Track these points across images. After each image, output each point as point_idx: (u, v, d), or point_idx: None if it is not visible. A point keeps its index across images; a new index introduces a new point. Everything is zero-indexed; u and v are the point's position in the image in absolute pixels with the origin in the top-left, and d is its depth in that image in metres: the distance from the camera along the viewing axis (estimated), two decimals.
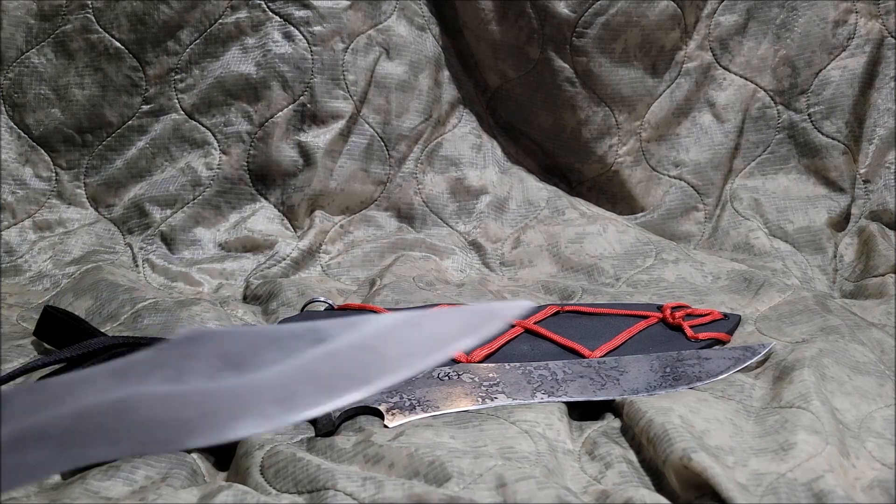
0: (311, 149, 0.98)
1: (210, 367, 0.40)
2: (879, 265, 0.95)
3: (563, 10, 0.99)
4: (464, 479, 0.51)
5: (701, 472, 0.51)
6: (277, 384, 0.40)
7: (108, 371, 0.39)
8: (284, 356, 0.40)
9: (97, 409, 0.38)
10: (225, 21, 0.98)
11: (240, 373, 0.40)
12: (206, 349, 0.40)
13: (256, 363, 0.40)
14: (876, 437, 0.57)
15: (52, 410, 0.38)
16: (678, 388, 0.66)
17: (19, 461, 0.37)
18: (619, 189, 1.04)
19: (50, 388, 0.38)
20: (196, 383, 0.39)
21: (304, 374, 0.40)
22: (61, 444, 0.37)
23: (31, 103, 0.97)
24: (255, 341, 0.41)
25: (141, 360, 0.40)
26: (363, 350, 0.41)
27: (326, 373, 0.40)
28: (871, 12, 1.04)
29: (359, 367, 0.41)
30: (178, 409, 0.39)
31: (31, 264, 0.93)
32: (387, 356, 0.41)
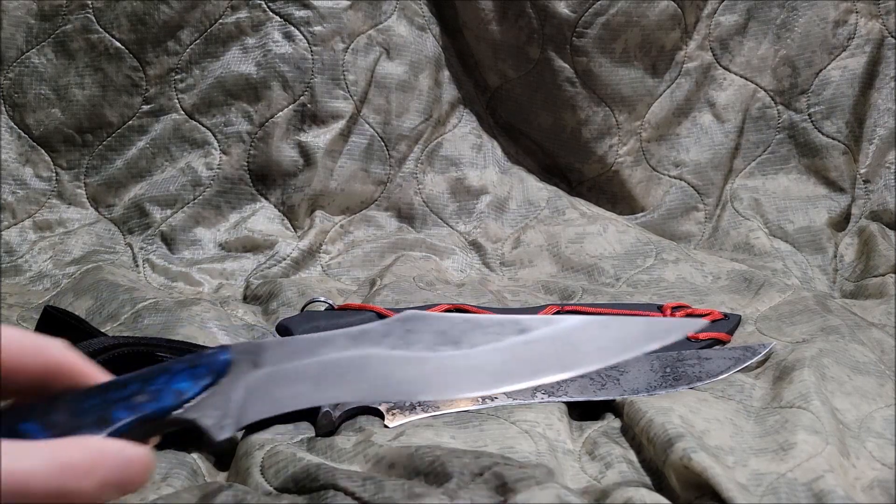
0: (312, 149, 0.98)
1: (431, 340, 0.47)
2: (879, 265, 0.95)
3: (563, 10, 0.99)
4: (464, 478, 0.51)
5: (701, 471, 0.51)
6: (489, 360, 0.47)
7: (344, 335, 0.47)
8: (493, 339, 0.48)
9: (339, 361, 0.46)
10: (225, 21, 0.98)
11: (457, 347, 0.47)
12: (426, 326, 0.48)
13: (470, 342, 0.47)
14: (876, 437, 0.57)
15: (303, 359, 0.46)
16: (678, 388, 0.66)
17: (282, 393, 0.45)
18: (619, 189, 1.04)
19: (299, 343, 0.47)
20: (420, 351, 0.47)
21: (511, 355, 0.47)
22: (314, 383, 0.46)
23: (32, 103, 0.97)
24: (465, 326, 0.48)
25: (371, 329, 0.48)
26: (560, 342, 0.48)
27: (529, 356, 0.47)
28: (871, 12, 1.04)
29: (556, 355, 0.47)
30: (406, 369, 0.47)
31: (31, 264, 0.93)
32: (579, 349, 0.47)
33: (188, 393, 0.43)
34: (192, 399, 0.43)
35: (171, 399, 0.42)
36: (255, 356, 0.46)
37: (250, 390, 0.45)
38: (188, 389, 0.43)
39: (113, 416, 0.41)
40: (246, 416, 0.45)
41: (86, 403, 0.41)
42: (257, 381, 0.45)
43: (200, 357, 0.44)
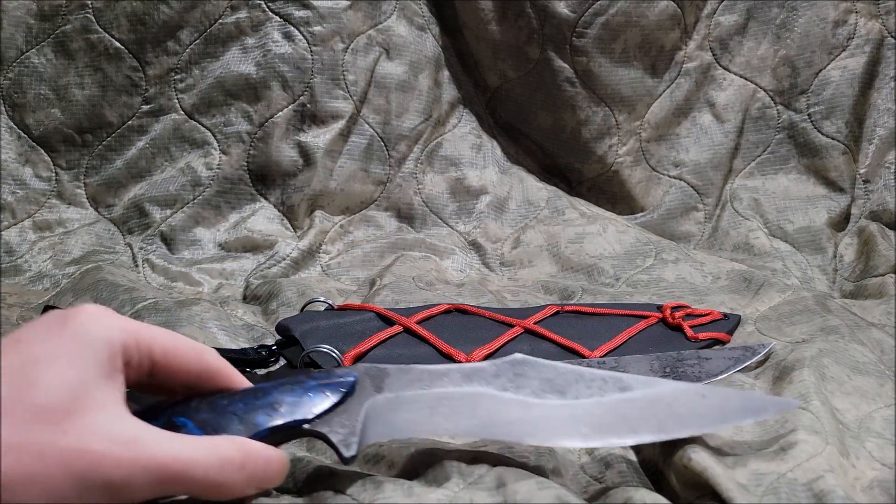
0: (311, 149, 0.98)
1: (538, 386, 0.51)
2: (879, 265, 0.95)
3: (563, 10, 0.99)
4: (463, 479, 0.51)
5: (701, 472, 0.51)
6: (591, 413, 0.50)
7: (458, 370, 0.51)
8: (596, 394, 0.51)
9: (453, 395, 0.50)
10: (225, 21, 0.98)
11: (561, 397, 0.51)
12: (534, 371, 0.51)
13: (574, 393, 0.51)
14: (876, 437, 0.57)
15: (420, 389, 0.50)
16: None
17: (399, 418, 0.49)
18: (618, 189, 1.04)
19: (417, 373, 0.51)
20: (527, 395, 0.50)
21: (612, 411, 0.50)
22: (429, 413, 0.49)
23: (31, 103, 0.97)
24: (570, 377, 0.51)
25: (483, 368, 0.51)
26: (659, 404, 0.51)
27: (629, 414, 0.50)
28: (871, 12, 1.04)
29: (654, 417, 0.50)
30: (513, 411, 0.50)
31: (31, 264, 0.93)
32: (677, 413, 0.50)
33: (320, 407, 0.48)
34: (323, 414, 0.48)
35: (305, 412, 0.47)
36: (378, 381, 0.50)
37: (371, 412, 0.49)
38: (320, 403, 0.48)
39: (255, 421, 0.46)
40: (367, 436, 0.49)
41: (231, 406, 0.46)
42: (378, 404, 0.49)
43: (331, 376, 0.49)
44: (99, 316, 0.44)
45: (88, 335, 0.43)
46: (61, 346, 0.43)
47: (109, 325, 0.44)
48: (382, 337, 0.72)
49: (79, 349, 0.43)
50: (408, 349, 0.72)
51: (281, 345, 0.73)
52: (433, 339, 0.72)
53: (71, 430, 0.41)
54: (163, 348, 0.46)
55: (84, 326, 0.43)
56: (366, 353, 0.70)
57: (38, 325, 0.44)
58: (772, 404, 0.54)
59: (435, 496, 0.50)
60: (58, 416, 0.41)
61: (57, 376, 0.41)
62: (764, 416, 0.53)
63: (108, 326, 0.44)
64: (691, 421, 0.51)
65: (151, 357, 0.46)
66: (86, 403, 0.41)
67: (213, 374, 0.48)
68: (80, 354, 0.43)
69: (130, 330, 0.45)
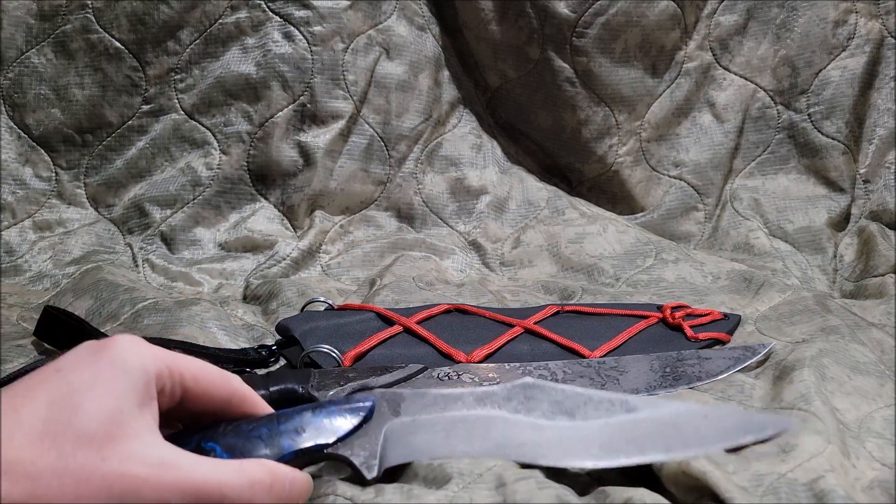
0: (311, 149, 0.98)
1: (548, 408, 0.53)
2: (879, 265, 0.95)
3: (563, 10, 0.99)
4: (463, 479, 0.51)
5: (699, 475, 0.51)
6: (599, 434, 0.52)
7: (471, 394, 0.54)
8: (603, 415, 0.53)
9: (467, 418, 0.52)
10: (225, 21, 0.98)
11: (570, 418, 0.53)
12: (544, 395, 0.54)
13: (583, 415, 0.53)
14: (876, 437, 0.57)
15: (435, 413, 0.53)
16: (678, 387, 0.66)
17: (417, 440, 0.52)
18: (619, 189, 1.04)
19: (432, 397, 0.53)
20: (539, 418, 0.53)
21: (620, 432, 0.52)
22: (445, 435, 0.52)
23: (31, 103, 0.97)
24: (579, 399, 0.54)
25: (495, 392, 0.54)
26: (664, 425, 0.53)
27: (636, 435, 0.52)
28: (871, 12, 1.04)
29: (660, 437, 0.52)
30: (525, 433, 0.52)
31: (31, 264, 0.93)
32: (681, 433, 0.52)
33: (341, 431, 0.50)
34: (345, 437, 0.50)
35: (327, 436, 0.50)
36: (395, 405, 0.53)
37: (390, 434, 0.51)
38: (341, 427, 0.50)
39: (280, 445, 0.49)
40: (387, 458, 0.51)
41: (256, 431, 0.49)
42: (396, 427, 0.52)
43: (350, 401, 0.52)
44: (134, 345, 0.46)
45: (125, 364, 0.45)
46: (100, 374, 0.44)
47: (144, 354, 0.46)
48: (382, 337, 0.72)
49: (116, 378, 0.45)
50: (408, 349, 0.72)
51: (281, 345, 0.73)
52: (433, 339, 0.72)
53: (111, 455, 0.43)
54: (193, 375, 0.48)
55: (120, 356, 0.45)
56: (366, 353, 0.70)
57: (75, 354, 0.46)
58: (772, 423, 0.55)
59: (434, 497, 0.50)
60: (99, 442, 0.43)
61: (97, 404, 0.43)
62: (764, 434, 0.54)
63: (143, 355, 0.46)
64: (695, 441, 0.52)
65: (183, 384, 0.48)
66: (124, 430, 0.44)
67: (240, 399, 0.50)
68: (117, 383, 0.44)
69: (163, 358, 0.47)
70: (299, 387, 0.62)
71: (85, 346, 0.46)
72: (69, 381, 0.44)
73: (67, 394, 0.43)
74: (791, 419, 0.56)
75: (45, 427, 0.42)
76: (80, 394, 0.44)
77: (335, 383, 0.63)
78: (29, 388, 0.44)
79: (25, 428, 0.42)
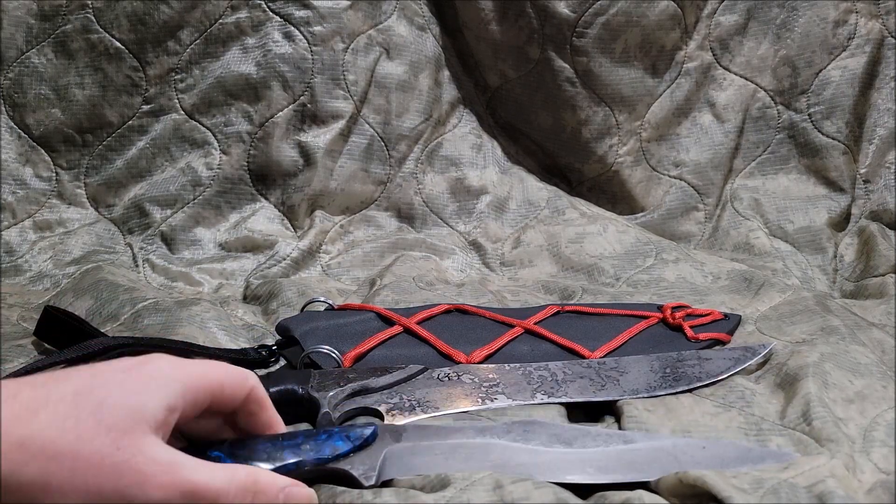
0: (312, 149, 0.98)
1: (546, 439, 0.55)
2: (879, 265, 0.95)
3: (563, 10, 0.99)
4: (461, 483, 0.51)
5: (695, 480, 0.51)
6: (597, 458, 0.55)
7: (472, 427, 0.57)
8: (601, 444, 0.55)
9: (467, 444, 0.55)
10: (225, 21, 0.98)
11: (568, 446, 0.55)
12: (542, 429, 0.56)
13: (580, 444, 0.55)
14: (881, 445, 0.57)
15: (436, 440, 0.55)
16: (678, 388, 0.66)
17: (417, 462, 0.54)
18: (619, 189, 1.04)
19: (432, 428, 0.57)
20: (537, 445, 0.55)
21: (617, 458, 0.55)
22: (445, 458, 0.54)
23: (32, 103, 0.97)
24: (577, 433, 0.56)
25: (495, 426, 0.57)
26: (660, 452, 0.55)
27: (632, 459, 0.55)
28: (871, 12, 1.04)
29: (657, 461, 0.54)
30: (523, 457, 0.54)
31: (32, 264, 0.93)
32: (679, 460, 0.54)
33: (342, 450, 0.53)
34: (345, 456, 0.53)
35: (329, 452, 0.53)
36: (397, 434, 0.55)
37: (390, 456, 0.54)
38: (342, 447, 0.53)
39: (283, 456, 0.51)
40: (385, 473, 0.53)
41: (262, 445, 0.52)
42: (397, 450, 0.54)
43: (354, 427, 0.55)
44: (170, 361, 0.49)
45: (159, 374, 0.48)
46: (131, 376, 0.47)
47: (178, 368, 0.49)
48: (382, 337, 0.72)
49: (146, 382, 0.47)
50: (408, 349, 0.72)
51: (281, 345, 0.73)
52: (433, 339, 0.72)
53: (126, 447, 0.45)
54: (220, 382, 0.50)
55: (158, 368, 0.48)
56: (366, 353, 0.70)
57: (114, 362, 0.49)
58: (770, 455, 0.56)
59: (433, 498, 0.50)
60: (116, 432, 0.45)
61: (121, 398, 0.46)
62: (761, 465, 0.55)
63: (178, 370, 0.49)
64: (692, 467, 0.53)
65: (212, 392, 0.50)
66: (142, 426, 0.46)
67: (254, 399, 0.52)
68: (146, 385, 0.47)
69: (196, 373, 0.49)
70: (299, 387, 0.62)
71: (122, 360, 0.49)
72: (101, 378, 0.47)
73: (96, 386, 0.46)
74: (790, 453, 0.56)
75: (69, 410, 0.44)
76: (107, 387, 0.46)
77: (335, 384, 0.63)
78: (61, 376, 0.46)
79: (51, 407, 0.44)
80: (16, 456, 0.43)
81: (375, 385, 0.64)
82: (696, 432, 0.60)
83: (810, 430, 0.58)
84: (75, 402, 0.45)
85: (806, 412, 0.60)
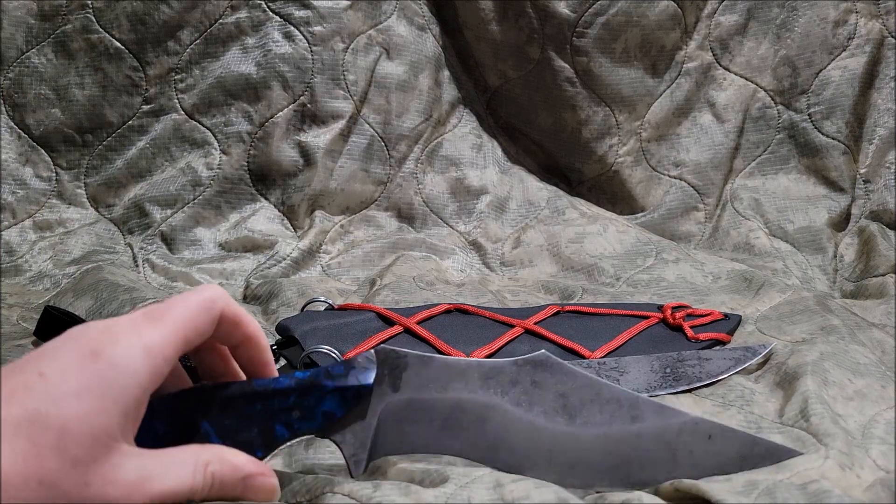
0: (312, 149, 0.98)
1: (550, 404, 0.51)
2: (880, 265, 0.95)
3: (564, 10, 0.99)
4: (460, 480, 0.51)
5: (690, 487, 0.51)
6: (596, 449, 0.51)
7: (478, 369, 0.51)
8: (605, 421, 0.52)
9: (467, 405, 0.50)
10: (225, 21, 0.98)
11: (570, 422, 0.52)
12: (552, 380, 0.52)
13: (584, 417, 0.52)
14: (880, 442, 0.57)
15: (436, 393, 0.51)
16: (678, 388, 0.66)
17: (410, 430, 0.51)
18: (619, 189, 1.04)
19: (434, 368, 0.51)
20: (537, 415, 0.51)
21: (617, 448, 0.51)
22: (441, 427, 0.50)
23: (32, 103, 0.97)
24: (587, 394, 0.52)
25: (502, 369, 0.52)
26: (663, 444, 0.52)
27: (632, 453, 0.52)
28: (871, 12, 1.04)
29: (656, 458, 0.52)
30: (520, 436, 0.51)
31: (32, 264, 0.93)
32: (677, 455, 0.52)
33: (335, 414, 0.50)
34: (338, 419, 0.50)
35: (320, 421, 0.50)
36: (396, 376, 0.51)
37: (385, 417, 0.51)
38: (335, 411, 0.50)
39: (273, 430, 0.49)
40: (377, 450, 0.51)
41: (252, 410, 0.49)
42: (392, 410, 0.51)
43: (349, 376, 0.50)
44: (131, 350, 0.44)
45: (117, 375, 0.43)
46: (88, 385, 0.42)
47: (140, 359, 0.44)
48: (383, 337, 0.72)
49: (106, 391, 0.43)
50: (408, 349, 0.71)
51: (281, 345, 0.73)
52: (433, 339, 0.72)
53: (94, 481, 0.42)
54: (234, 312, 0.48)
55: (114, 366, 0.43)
56: None
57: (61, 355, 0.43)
58: (776, 451, 0.54)
59: (432, 494, 0.50)
60: (83, 466, 0.42)
61: (84, 424, 0.42)
62: (763, 464, 0.53)
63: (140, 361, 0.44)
64: (687, 466, 0.52)
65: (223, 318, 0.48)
66: (108, 450, 0.43)
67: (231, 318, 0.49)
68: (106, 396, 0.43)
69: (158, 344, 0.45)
70: None
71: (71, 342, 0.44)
72: (55, 395, 0.42)
73: (52, 409, 0.41)
74: (795, 449, 0.55)
75: (28, 447, 0.40)
76: (63, 412, 0.41)
77: None
78: (11, 394, 0.41)
79: (10, 443, 0.40)
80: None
81: None
82: None
83: (808, 427, 0.58)
84: (33, 436, 0.40)
85: (804, 409, 0.60)
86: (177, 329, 0.46)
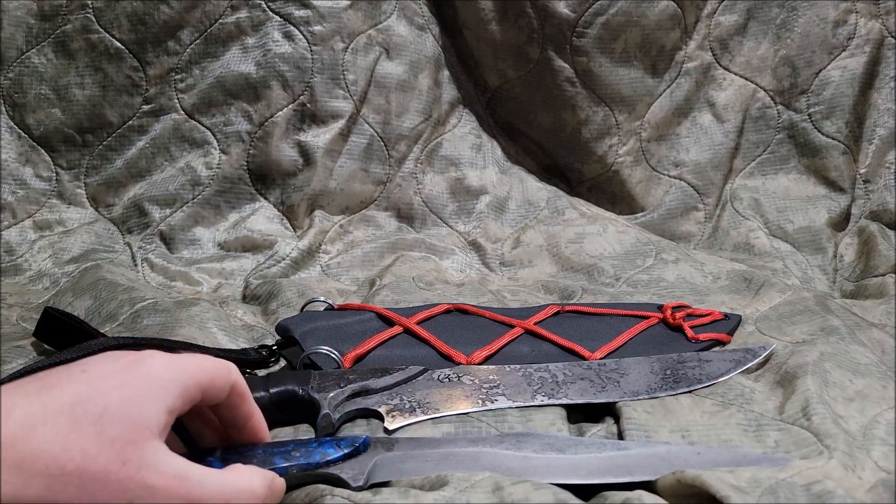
0: (311, 148, 0.98)
1: (539, 447, 0.56)
2: (879, 265, 0.95)
3: (563, 10, 0.99)
4: (460, 484, 0.51)
5: (693, 480, 0.51)
6: (588, 462, 0.55)
7: (464, 437, 0.59)
8: (593, 451, 0.56)
9: (458, 453, 0.56)
10: (225, 21, 0.98)
11: (561, 454, 0.56)
12: (535, 440, 0.57)
13: (573, 451, 0.56)
14: (881, 443, 0.57)
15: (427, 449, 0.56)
16: (678, 390, 0.66)
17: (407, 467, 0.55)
18: (619, 189, 1.04)
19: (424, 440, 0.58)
20: (528, 452, 0.56)
21: (608, 461, 0.55)
22: (435, 465, 0.55)
23: (32, 103, 0.97)
24: (570, 443, 0.57)
25: (487, 438, 0.58)
26: (653, 457, 0.56)
27: (624, 462, 0.55)
28: (871, 12, 1.04)
29: (650, 464, 0.55)
30: (514, 462, 0.55)
31: (31, 264, 0.93)
32: (671, 463, 0.55)
33: (332, 456, 0.54)
34: (335, 462, 0.54)
35: (318, 458, 0.53)
36: (389, 444, 0.56)
37: (381, 462, 0.55)
38: (333, 454, 0.54)
39: (273, 461, 0.52)
40: (375, 477, 0.54)
41: (253, 451, 0.53)
42: (387, 458, 0.55)
43: (345, 437, 0.56)
44: (166, 360, 0.48)
45: (156, 377, 0.46)
46: (128, 382, 0.46)
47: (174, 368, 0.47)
48: (382, 338, 0.72)
49: (144, 387, 0.46)
50: (408, 350, 0.72)
51: (281, 345, 0.73)
52: (433, 339, 0.72)
53: (131, 461, 0.44)
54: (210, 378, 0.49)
55: (153, 370, 0.47)
56: (366, 354, 0.70)
57: (104, 361, 0.47)
58: (765, 460, 0.55)
59: (432, 498, 0.50)
60: (120, 446, 0.44)
61: (122, 408, 0.44)
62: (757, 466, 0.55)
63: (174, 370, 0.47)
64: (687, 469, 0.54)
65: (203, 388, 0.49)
66: (145, 437, 0.45)
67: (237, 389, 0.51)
68: (145, 391, 0.46)
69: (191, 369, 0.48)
70: (299, 388, 0.62)
71: (113, 355, 0.47)
72: (97, 385, 0.45)
73: (94, 395, 0.44)
74: (784, 457, 0.56)
75: (70, 424, 0.43)
76: (106, 396, 0.44)
77: (335, 385, 0.63)
78: (53, 383, 0.44)
79: (49, 422, 0.42)
80: (15, 478, 0.41)
81: (376, 386, 0.64)
82: (695, 432, 0.60)
83: (810, 426, 0.58)
84: (74, 415, 0.43)
85: (805, 408, 0.60)
86: (203, 371, 0.49)
